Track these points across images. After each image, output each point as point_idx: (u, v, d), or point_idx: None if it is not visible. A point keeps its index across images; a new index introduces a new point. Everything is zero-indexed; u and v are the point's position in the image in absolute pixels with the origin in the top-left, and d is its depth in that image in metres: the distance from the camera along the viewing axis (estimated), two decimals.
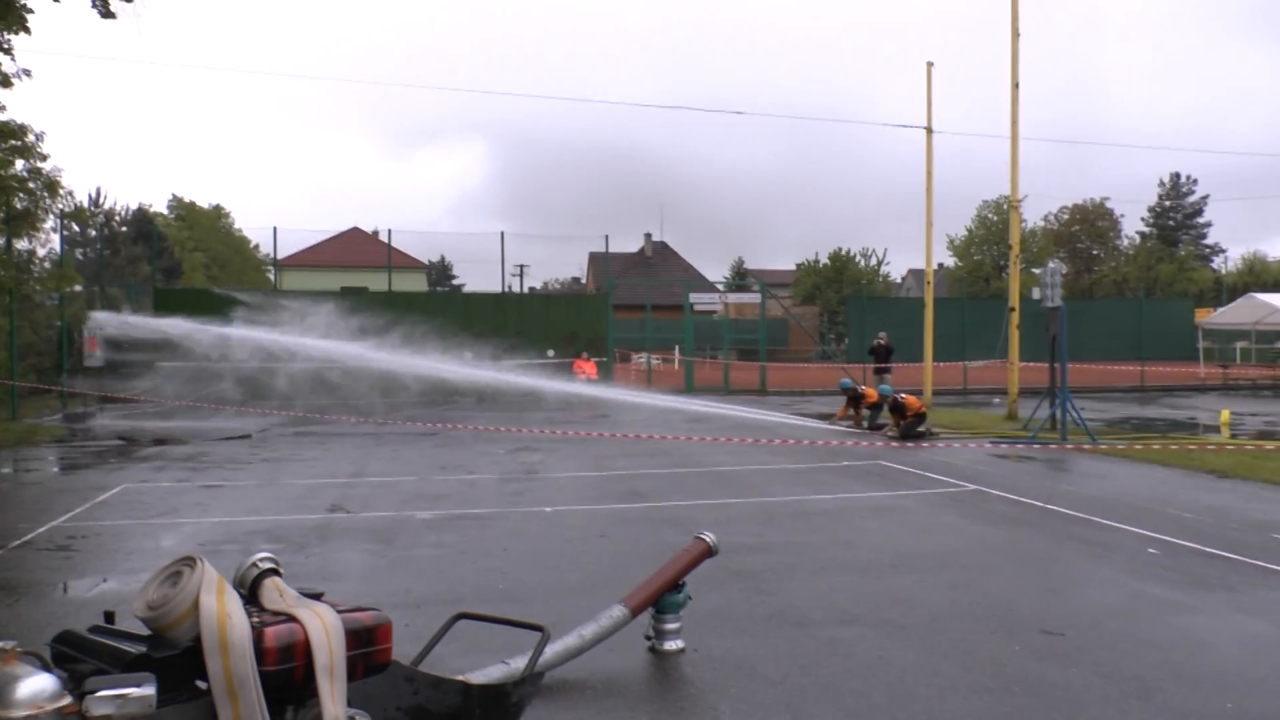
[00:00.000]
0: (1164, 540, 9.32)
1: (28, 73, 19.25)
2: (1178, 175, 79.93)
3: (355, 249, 60.47)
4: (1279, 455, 15.28)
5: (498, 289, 33.00)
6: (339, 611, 3.42)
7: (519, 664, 4.88)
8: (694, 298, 37.21)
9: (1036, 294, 20.65)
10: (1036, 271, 66.28)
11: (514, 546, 9.03)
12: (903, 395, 19.07)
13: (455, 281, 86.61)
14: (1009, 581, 7.81)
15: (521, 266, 70.97)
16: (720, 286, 57.68)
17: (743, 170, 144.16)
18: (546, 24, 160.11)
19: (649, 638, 6.04)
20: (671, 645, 6.00)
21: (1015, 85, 22.27)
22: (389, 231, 33.19)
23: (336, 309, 28.31)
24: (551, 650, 5.22)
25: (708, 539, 6.21)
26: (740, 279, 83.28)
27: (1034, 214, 79.65)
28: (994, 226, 69.05)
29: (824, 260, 73.01)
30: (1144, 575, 8.00)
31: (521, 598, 7.24)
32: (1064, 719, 5.04)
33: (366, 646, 3.45)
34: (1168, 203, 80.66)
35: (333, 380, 24.82)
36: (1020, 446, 17.22)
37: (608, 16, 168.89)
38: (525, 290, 67.29)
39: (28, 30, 18.81)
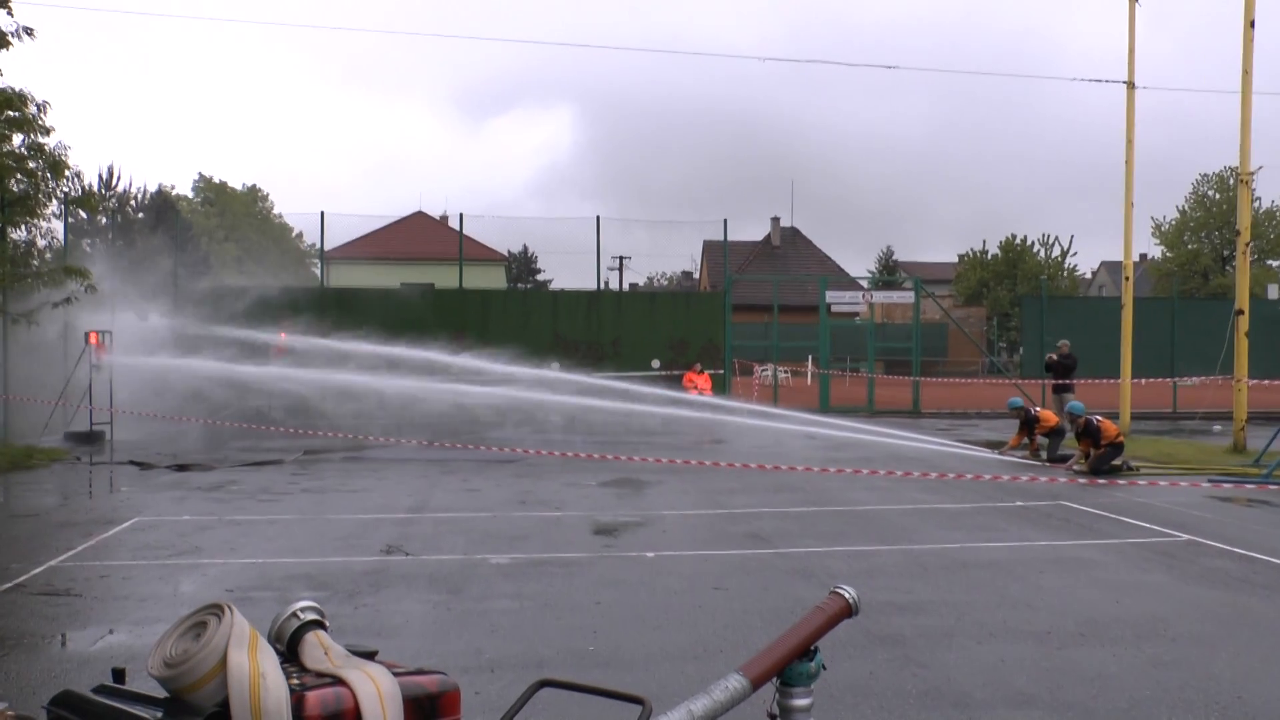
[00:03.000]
0: None
1: (29, 31, 19.84)
2: None
3: (419, 237, 61.52)
4: None
5: (592, 286, 33.24)
6: (396, 674, 3.45)
7: None
8: (831, 296, 36.86)
9: (1274, 292, 20.04)
10: (1274, 265, 64.68)
11: (608, 600, 9.06)
12: (1098, 418, 18.66)
13: (540, 277, 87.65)
14: (1234, 660, 7.55)
15: (620, 259, 71.21)
16: (864, 283, 57.26)
17: (892, 140, 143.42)
18: None
19: (773, 716, 5.99)
20: None
21: (1250, 24, 21.61)
22: (460, 216, 33.64)
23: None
24: None
25: (846, 595, 6.10)
26: (889, 274, 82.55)
27: (1271, 190, 77.44)
28: (1216, 207, 67.40)
29: (993, 251, 72.08)
30: None
31: (617, 663, 7.27)
32: None
33: (429, 717, 3.48)
34: None
35: (391, 397, 25.29)
36: (1250, 487, 16.72)
37: None
38: (625, 287, 67.69)
39: None
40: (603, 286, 34.54)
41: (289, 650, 3.49)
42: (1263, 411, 25.20)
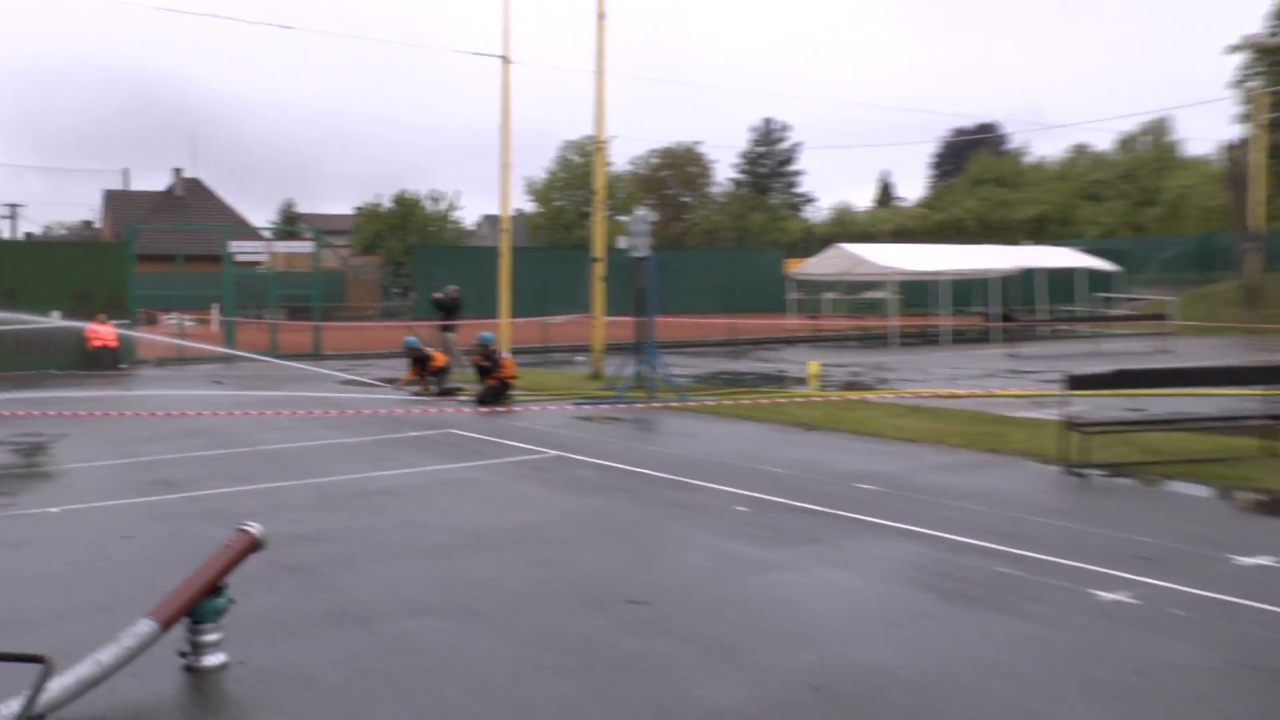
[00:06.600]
0: (753, 497, 10.23)
1: None
2: (769, 121, 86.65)
3: None
4: (863, 406, 17.20)
5: None
6: None
7: (14, 707, 4.55)
8: (235, 246, 35.72)
9: (623, 243, 21.67)
10: (623, 219, 69.90)
11: (9, 561, 8.35)
12: (504, 354, 19.37)
13: None
14: (595, 553, 8.26)
15: (14, 206, 65.71)
16: (266, 234, 55.82)
17: (293, 98, 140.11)
18: None
19: (184, 654, 5.82)
20: (211, 660, 5.82)
21: (602, 16, 23.18)
22: None
23: None
24: (59, 684, 4.90)
25: (253, 530, 6.09)
26: (290, 225, 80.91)
27: (622, 157, 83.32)
28: (577, 169, 71.59)
29: (387, 204, 72.64)
30: (732, 535, 8.76)
31: (22, 625, 6.72)
32: (650, 690, 5.44)
33: None
34: (760, 149, 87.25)
35: None
36: (605, 407, 18.11)
37: None
38: (20, 236, 62.66)
39: None
40: None
41: None
42: (616, 344, 27.27)
